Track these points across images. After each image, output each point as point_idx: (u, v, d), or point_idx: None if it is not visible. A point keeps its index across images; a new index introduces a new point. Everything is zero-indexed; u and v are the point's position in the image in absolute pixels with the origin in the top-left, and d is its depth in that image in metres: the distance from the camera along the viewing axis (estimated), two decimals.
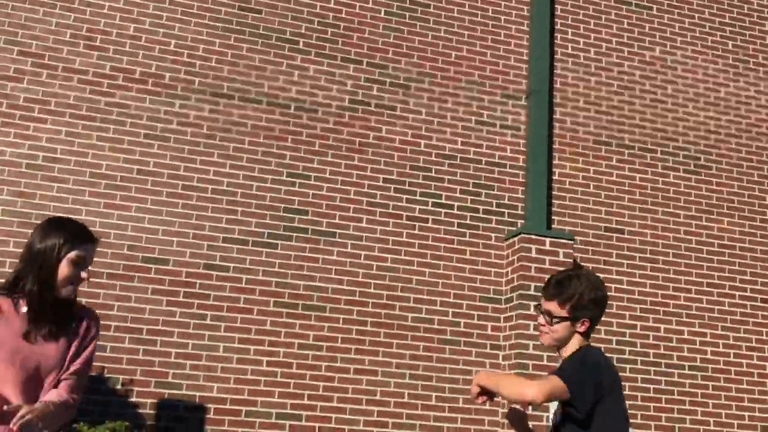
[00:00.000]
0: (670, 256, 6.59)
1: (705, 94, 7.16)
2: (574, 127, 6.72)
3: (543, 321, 2.82)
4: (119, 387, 5.27)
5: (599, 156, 6.71)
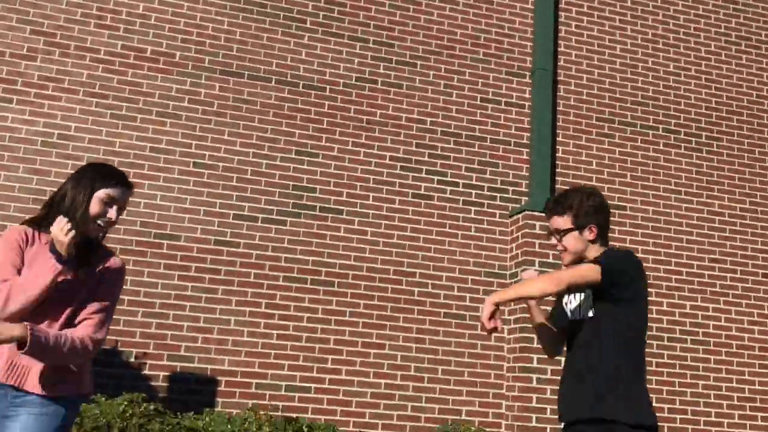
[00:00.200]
0: (671, 232, 6.70)
1: (707, 71, 7.23)
2: (577, 105, 6.81)
3: (555, 241, 2.94)
4: (132, 360, 5.40)
5: (602, 134, 6.80)
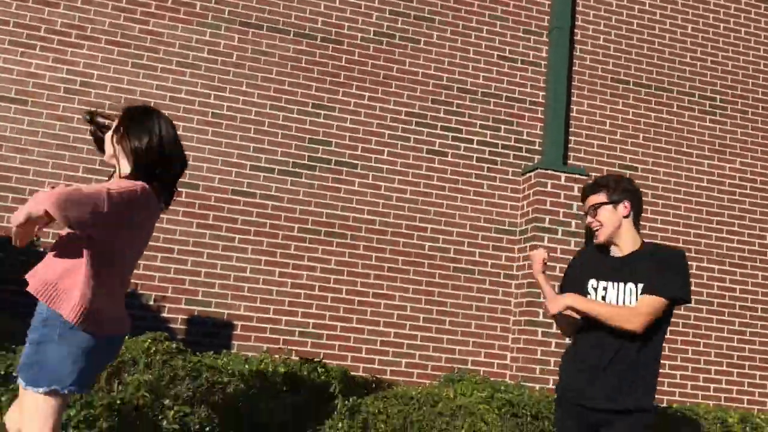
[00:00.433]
0: (681, 193, 6.78)
1: (725, 34, 7.22)
2: (593, 65, 6.83)
3: (590, 219, 3.03)
4: (152, 303, 5.59)
5: (616, 94, 6.83)
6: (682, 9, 7.14)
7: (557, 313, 3.00)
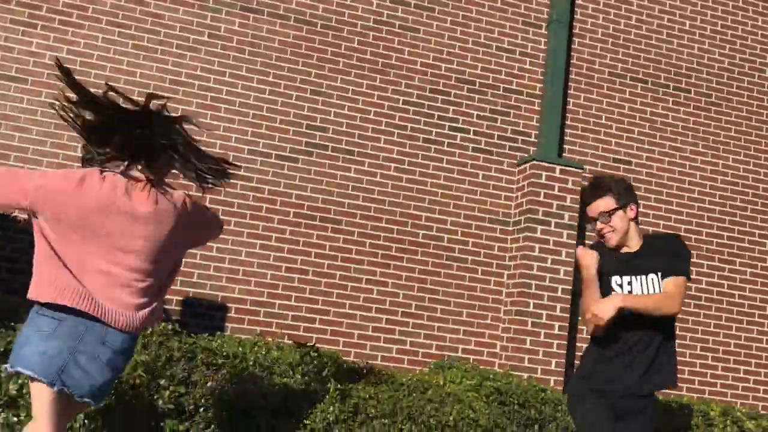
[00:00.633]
0: (674, 189, 6.86)
1: (722, 31, 7.26)
2: (591, 59, 6.88)
3: (601, 225, 3.13)
4: None
5: (613, 88, 6.89)
6: (680, 5, 7.18)
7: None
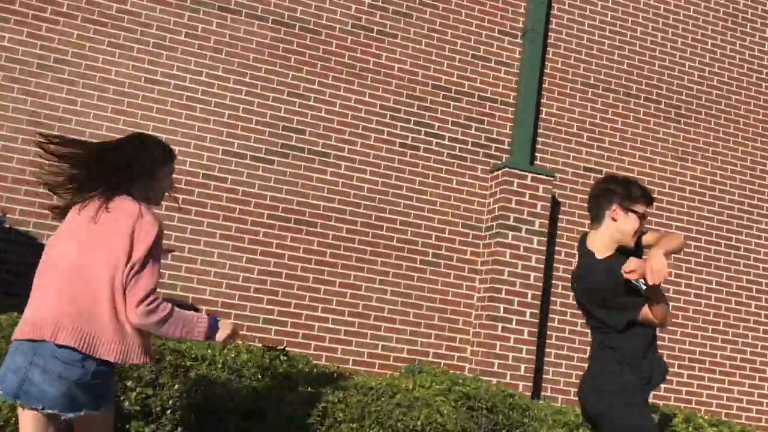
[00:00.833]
0: None
1: (693, 45, 7.41)
2: (564, 68, 6.97)
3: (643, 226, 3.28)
4: None
5: (585, 98, 6.99)
6: (653, 18, 7.31)
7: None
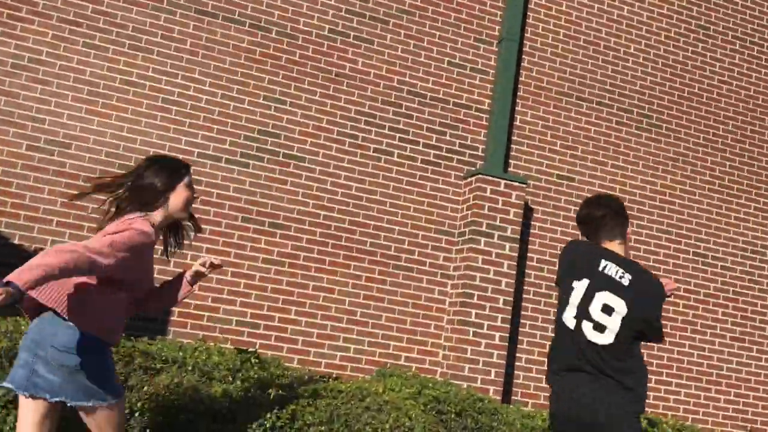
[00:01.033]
0: None
1: (664, 56, 7.54)
2: (539, 77, 7.07)
3: None
4: None
5: (559, 107, 7.09)
6: (626, 29, 7.44)
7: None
